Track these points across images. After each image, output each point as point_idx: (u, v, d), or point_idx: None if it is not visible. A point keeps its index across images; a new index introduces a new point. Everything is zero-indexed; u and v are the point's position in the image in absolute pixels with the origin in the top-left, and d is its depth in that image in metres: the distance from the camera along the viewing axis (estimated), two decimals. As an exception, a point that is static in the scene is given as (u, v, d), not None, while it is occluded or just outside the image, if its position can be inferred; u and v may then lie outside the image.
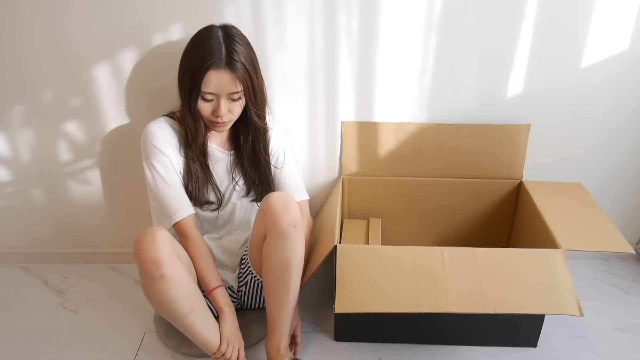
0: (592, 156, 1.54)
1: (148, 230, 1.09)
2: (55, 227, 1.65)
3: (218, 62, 1.11)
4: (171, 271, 1.07)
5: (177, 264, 1.11)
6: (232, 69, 1.12)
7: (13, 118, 1.46)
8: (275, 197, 1.16)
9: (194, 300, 1.15)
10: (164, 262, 1.05)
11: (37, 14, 1.31)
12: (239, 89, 1.15)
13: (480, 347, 1.33)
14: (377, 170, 1.54)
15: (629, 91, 1.44)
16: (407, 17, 1.33)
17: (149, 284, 1.08)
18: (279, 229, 1.13)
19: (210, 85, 1.13)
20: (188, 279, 1.13)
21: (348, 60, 1.38)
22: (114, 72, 1.38)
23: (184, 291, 1.11)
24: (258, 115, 1.24)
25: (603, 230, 1.30)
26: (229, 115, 1.19)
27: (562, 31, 1.35)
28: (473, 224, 1.62)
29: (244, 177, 1.34)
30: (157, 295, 1.10)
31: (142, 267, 1.07)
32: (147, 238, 1.07)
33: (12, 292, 1.57)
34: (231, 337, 1.20)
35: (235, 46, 1.13)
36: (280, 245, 1.15)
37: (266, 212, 1.16)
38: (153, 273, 1.05)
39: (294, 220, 1.14)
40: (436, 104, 1.45)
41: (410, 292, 1.15)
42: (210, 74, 1.12)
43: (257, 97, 1.21)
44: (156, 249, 1.06)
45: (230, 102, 1.17)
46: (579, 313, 1.12)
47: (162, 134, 1.23)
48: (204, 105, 1.17)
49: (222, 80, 1.13)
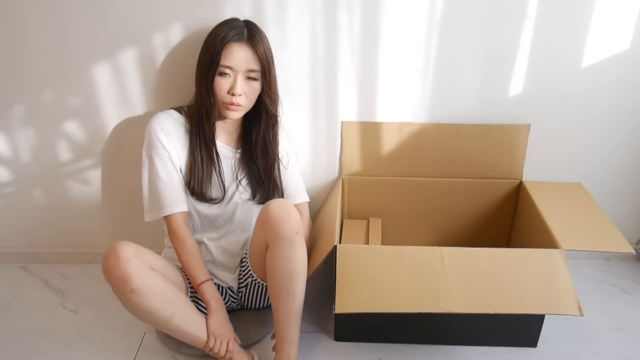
0: (592, 156, 1.54)
1: (111, 247, 1.08)
2: (55, 227, 1.65)
3: (240, 36, 1.16)
4: (142, 284, 1.07)
5: (147, 274, 1.10)
6: (253, 45, 1.17)
7: (13, 118, 1.46)
8: (275, 205, 1.15)
9: (173, 304, 1.14)
10: (131, 277, 1.05)
11: (37, 13, 1.31)
12: (257, 67, 1.18)
13: (480, 347, 1.33)
14: (377, 170, 1.54)
15: (629, 91, 1.44)
16: (409, 17, 1.33)
17: (122, 299, 1.09)
18: (282, 238, 1.13)
19: (229, 57, 1.15)
20: (162, 286, 1.13)
21: (349, 61, 1.38)
22: (114, 72, 1.38)
23: (159, 300, 1.10)
24: (271, 104, 1.25)
25: (603, 230, 1.30)
26: (244, 98, 1.20)
27: (563, 31, 1.35)
28: (473, 224, 1.62)
29: (248, 177, 1.34)
30: (133, 309, 1.10)
31: (111, 285, 1.07)
32: (110, 256, 1.07)
33: (12, 292, 1.57)
34: (217, 331, 1.19)
35: (257, 31, 1.20)
36: (285, 254, 1.14)
37: (267, 221, 1.15)
38: (123, 289, 1.06)
39: (296, 227, 1.14)
40: (436, 104, 1.45)
41: (410, 292, 1.15)
42: (230, 45, 1.15)
43: (272, 87, 1.24)
44: (121, 265, 1.05)
45: (246, 82, 1.19)
46: (579, 313, 1.12)
47: (167, 126, 1.24)
48: (221, 81, 1.18)
49: (242, 54, 1.16)
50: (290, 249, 1.14)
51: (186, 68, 1.34)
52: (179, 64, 1.36)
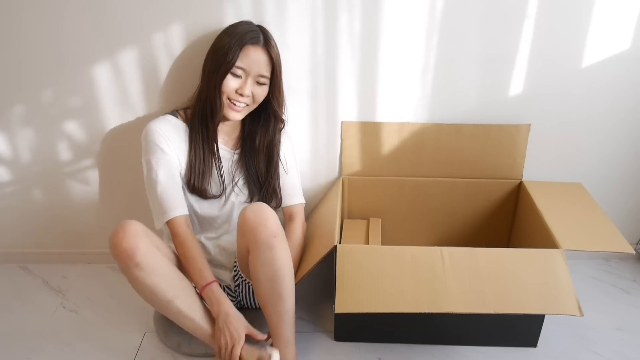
0: (592, 156, 1.54)
1: (120, 223, 1.10)
2: (55, 227, 1.65)
3: (257, 40, 1.18)
4: (147, 259, 1.08)
5: (153, 252, 1.11)
6: (269, 51, 1.19)
7: (13, 118, 1.46)
8: (250, 210, 1.15)
9: (176, 287, 1.15)
10: (137, 251, 1.07)
11: (37, 13, 1.31)
12: (268, 73, 1.20)
13: (480, 347, 1.33)
14: (377, 170, 1.54)
15: (629, 91, 1.44)
16: (409, 17, 1.33)
17: (127, 274, 1.10)
18: (260, 242, 1.13)
19: (245, 59, 1.17)
20: (167, 267, 1.14)
21: (349, 60, 1.38)
22: (114, 72, 1.38)
23: (163, 279, 1.12)
24: (279, 108, 1.28)
25: (603, 230, 1.30)
26: (250, 99, 1.21)
27: (563, 31, 1.35)
28: (473, 224, 1.62)
29: (245, 179, 1.34)
30: (136, 285, 1.11)
31: (117, 259, 1.08)
32: (119, 231, 1.09)
33: (12, 292, 1.57)
34: (229, 325, 1.15)
35: (271, 37, 1.23)
36: (265, 258, 1.13)
37: (244, 226, 1.15)
38: (128, 263, 1.07)
39: (273, 230, 1.13)
40: (436, 104, 1.45)
41: (410, 292, 1.15)
42: (248, 47, 1.17)
43: (280, 92, 1.27)
44: (128, 239, 1.07)
45: (255, 85, 1.20)
46: (579, 313, 1.12)
47: (164, 130, 1.23)
48: (231, 80, 1.19)
49: (257, 58, 1.18)
50: (270, 253, 1.13)
51: (187, 68, 1.34)
52: (179, 64, 1.36)
